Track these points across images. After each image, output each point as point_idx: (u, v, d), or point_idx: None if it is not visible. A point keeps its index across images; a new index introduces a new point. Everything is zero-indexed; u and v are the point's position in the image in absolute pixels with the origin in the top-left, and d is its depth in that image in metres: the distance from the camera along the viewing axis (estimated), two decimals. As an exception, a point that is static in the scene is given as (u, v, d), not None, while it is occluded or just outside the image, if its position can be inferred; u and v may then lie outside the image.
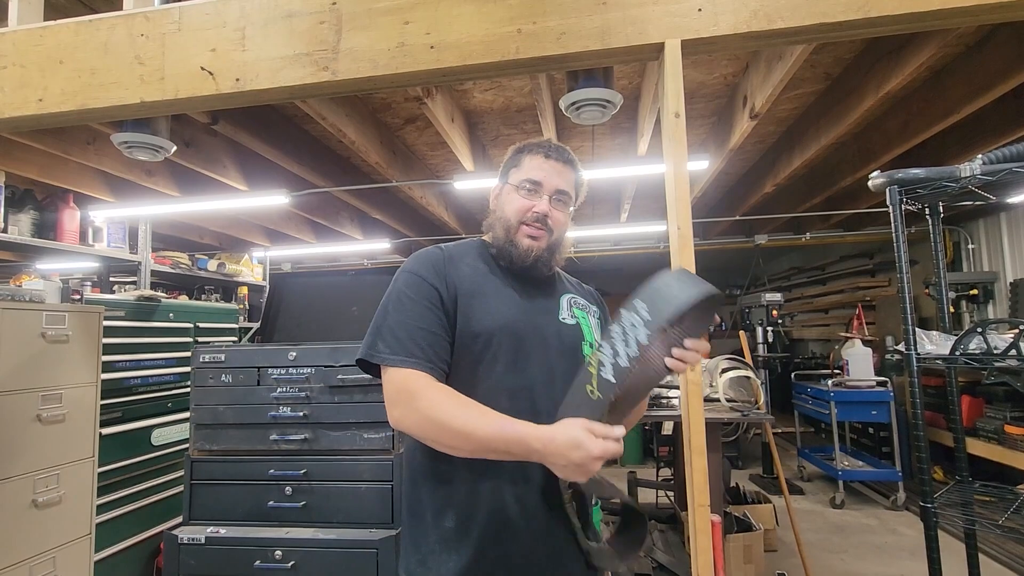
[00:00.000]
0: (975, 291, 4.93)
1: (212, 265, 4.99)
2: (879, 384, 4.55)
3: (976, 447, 4.24)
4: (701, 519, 1.53)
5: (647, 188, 4.61)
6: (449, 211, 4.86)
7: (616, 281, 10.29)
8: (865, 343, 4.90)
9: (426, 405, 0.97)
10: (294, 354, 1.93)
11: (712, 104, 3.17)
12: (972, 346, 1.52)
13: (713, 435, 2.87)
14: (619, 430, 0.90)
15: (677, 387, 2.98)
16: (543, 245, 1.15)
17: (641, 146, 3.09)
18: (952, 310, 5.01)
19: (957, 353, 1.46)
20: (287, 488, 1.87)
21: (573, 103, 2.00)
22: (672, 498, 3.97)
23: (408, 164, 3.74)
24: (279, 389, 1.92)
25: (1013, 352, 1.37)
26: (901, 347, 1.64)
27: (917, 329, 1.67)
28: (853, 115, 2.80)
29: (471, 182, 3.39)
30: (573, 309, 1.23)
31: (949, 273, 5.32)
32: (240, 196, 3.55)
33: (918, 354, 1.51)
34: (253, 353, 1.97)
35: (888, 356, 5.36)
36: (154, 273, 4.21)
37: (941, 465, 4.87)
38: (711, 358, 3.36)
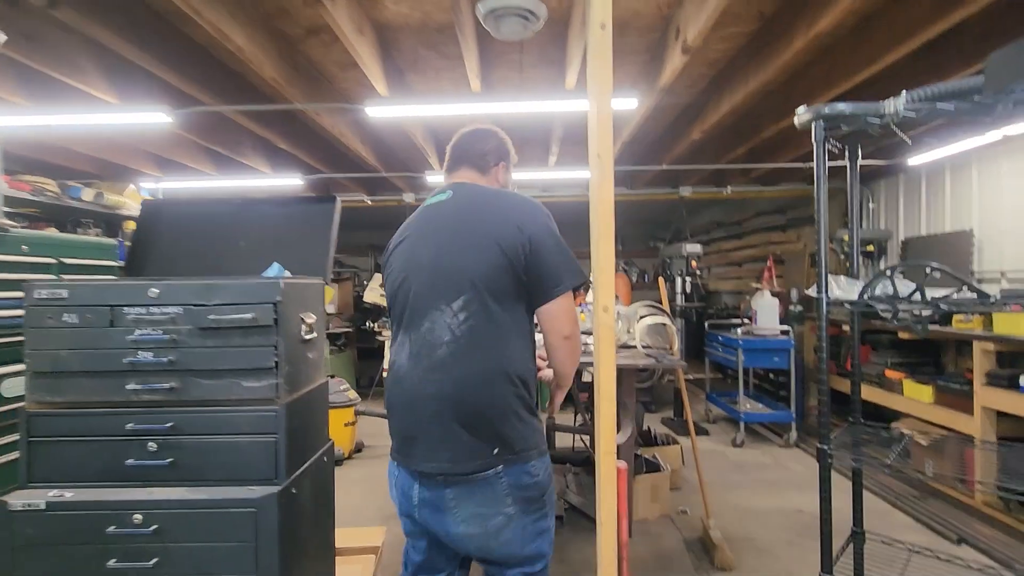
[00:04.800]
0: (871, 247, 5.26)
1: (88, 195, 4.35)
2: (782, 333, 4.81)
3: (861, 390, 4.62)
4: (607, 466, 1.47)
5: (576, 132, 4.44)
6: (366, 145, 4.47)
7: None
8: (773, 294, 5.14)
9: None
10: (156, 291, 1.64)
11: (645, 39, 3.00)
12: (878, 291, 1.51)
13: (629, 381, 2.87)
14: None
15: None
16: None
17: (570, 78, 2.89)
18: (850, 264, 5.33)
19: (865, 297, 1.44)
20: (151, 444, 1.63)
21: (492, 10, 1.76)
22: (587, 442, 4.05)
23: (315, 85, 3.33)
24: (138, 331, 1.63)
25: (917, 296, 1.36)
26: (812, 291, 1.61)
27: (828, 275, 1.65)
28: (783, 57, 2.74)
29: (386, 108, 3.06)
30: None
31: (847, 230, 5.64)
32: (110, 110, 3.02)
33: (828, 298, 1.47)
34: (104, 289, 1.66)
35: (792, 307, 5.69)
36: (9, 200, 3.59)
37: (832, 408, 5.30)
38: (630, 305, 3.34)
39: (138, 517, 1.54)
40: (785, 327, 4.86)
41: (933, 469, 3.39)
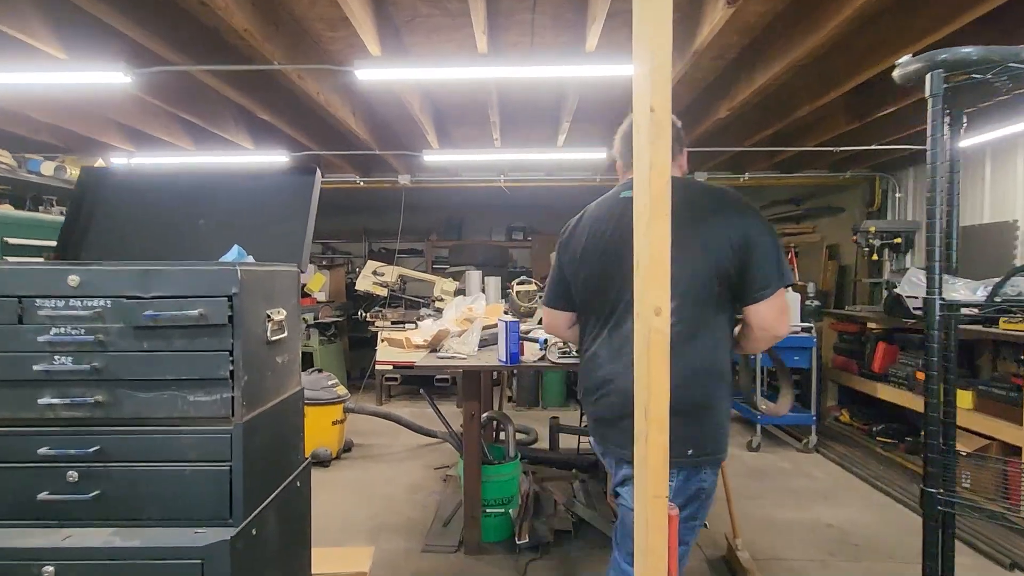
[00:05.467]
0: (899, 240, 4.93)
1: (47, 168, 3.95)
2: (804, 330, 4.50)
3: (885, 392, 4.33)
4: (655, 513, 1.11)
5: (590, 105, 4.07)
6: (357, 116, 4.07)
7: (546, 219, 9.63)
8: (794, 289, 4.82)
9: None
10: (77, 278, 1.29)
11: (675, -4, 2.62)
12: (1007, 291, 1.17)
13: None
14: None
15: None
16: None
17: (590, 39, 2.51)
18: (876, 257, 5.02)
19: (997, 299, 1.10)
20: (70, 473, 1.28)
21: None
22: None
23: (297, 45, 2.94)
24: (54, 330, 1.28)
25: (1077, 300, 1.02)
26: (910, 289, 1.27)
27: (917, 270, 1.31)
28: (830, 23, 2.39)
29: (379, 71, 2.68)
30: None
31: (875, 220, 5.31)
32: (58, 68, 2.63)
33: (943, 299, 1.13)
34: (9, 275, 1.30)
35: (808, 302, 5.38)
36: (-48, 171, 3.20)
37: (848, 408, 5.02)
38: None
39: (49, 569, 1.20)
40: (807, 324, 4.54)
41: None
